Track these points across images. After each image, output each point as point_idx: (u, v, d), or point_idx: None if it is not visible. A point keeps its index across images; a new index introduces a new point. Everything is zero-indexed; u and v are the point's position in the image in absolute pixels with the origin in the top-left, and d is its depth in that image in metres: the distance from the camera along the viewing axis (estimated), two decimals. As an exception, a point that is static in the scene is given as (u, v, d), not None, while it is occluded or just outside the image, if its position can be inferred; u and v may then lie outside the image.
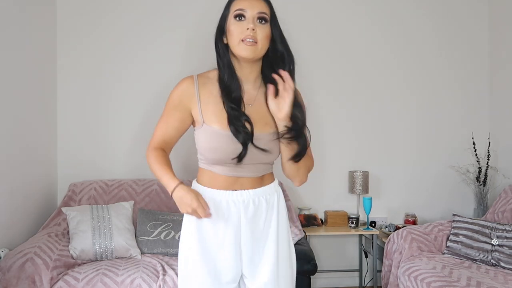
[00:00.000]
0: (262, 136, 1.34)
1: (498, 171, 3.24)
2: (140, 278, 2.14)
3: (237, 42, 1.31)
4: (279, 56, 1.37)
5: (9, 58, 2.35)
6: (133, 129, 3.06)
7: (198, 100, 1.36)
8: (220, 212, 1.36)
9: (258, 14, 1.31)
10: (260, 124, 1.34)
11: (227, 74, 1.36)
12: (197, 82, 1.38)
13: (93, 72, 3.03)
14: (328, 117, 3.26)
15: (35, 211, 2.67)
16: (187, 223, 1.40)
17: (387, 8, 3.30)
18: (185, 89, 1.37)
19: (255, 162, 1.36)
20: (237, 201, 1.37)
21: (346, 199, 3.28)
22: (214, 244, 1.36)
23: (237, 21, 1.32)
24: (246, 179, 1.38)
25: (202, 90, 1.37)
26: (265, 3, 1.35)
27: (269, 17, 1.34)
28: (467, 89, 3.39)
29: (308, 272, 2.31)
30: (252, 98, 1.38)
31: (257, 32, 1.30)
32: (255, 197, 1.38)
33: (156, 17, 3.08)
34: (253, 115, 1.34)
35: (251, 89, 1.39)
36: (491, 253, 2.49)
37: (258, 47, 1.31)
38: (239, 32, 1.31)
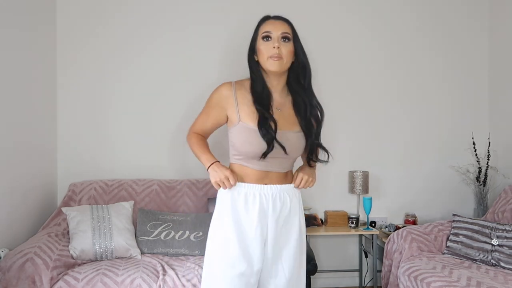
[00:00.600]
0: (288, 133, 1.60)
1: (498, 171, 3.24)
2: (140, 278, 2.14)
3: (266, 59, 1.59)
4: (301, 67, 1.64)
5: (9, 57, 2.35)
6: (133, 129, 3.06)
7: (236, 102, 1.61)
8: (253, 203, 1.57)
9: (282, 34, 1.59)
10: (288, 124, 1.61)
11: (259, 85, 1.63)
12: (234, 87, 1.65)
13: (93, 72, 3.03)
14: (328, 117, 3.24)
15: (35, 211, 2.67)
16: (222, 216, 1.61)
17: (385, 10, 3.30)
18: (224, 92, 1.64)
19: (280, 156, 1.59)
20: (267, 194, 1.58)
21: (346, 199, 3.28)
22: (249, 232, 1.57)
23: (265, 42, 1.60)
24: (274, 174, 1.61)
25: (239, 94, 1.63)
26: (287, 25, 1.63)
27: (291, 36, 1.61)
28: (467, 89, 3.39)
29: (308, 272, 2.31)
30: (280, 104, 1.65)
31: (281, 49, 1.58)
32: (281, 192, 1.61)
33: (156, 17, 3.08)
34: (281, 117, 1.61)
35: (278, 97, 1.66)
36: (491, 253, 2.49)
37: (283, 61, 1.59)
38: (267, 51, 1.58)
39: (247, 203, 1.57)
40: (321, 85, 3.23)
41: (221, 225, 1.59)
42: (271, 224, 1.57)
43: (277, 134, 1.55)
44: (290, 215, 1.62)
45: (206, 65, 3.06)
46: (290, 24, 1.65)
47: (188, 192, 2.83)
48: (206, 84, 2.44)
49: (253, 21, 1.72)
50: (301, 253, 1.66)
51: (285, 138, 1.57)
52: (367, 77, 3.30)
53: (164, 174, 3.03)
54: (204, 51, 3.08)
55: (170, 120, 3.08)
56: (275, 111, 1.60)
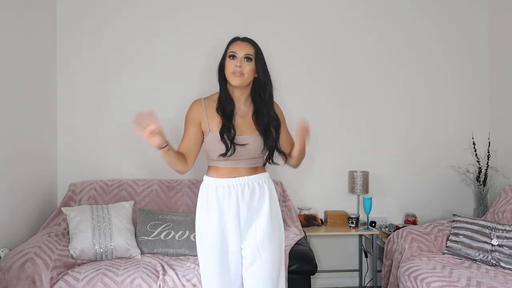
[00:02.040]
0: (247, 137, 1.86)
1: (498, 171, 3.24)
2: (140, 278, 2.14)
3: (230, 74, 1.85)
4: (261, 83, 1.90)
5: (9, 58, 2.35)
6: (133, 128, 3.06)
7: (206, 116, 1.88)
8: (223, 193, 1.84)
9: (245, 55, 1.85)
10: (248, 130, 1.88)
11: (224, 96, 1.90)
12: (204, 103, 1.91)
13: (93, 72, 3.03)
14: (328, 117, 3.26)
15: (35, 211, 2.67)
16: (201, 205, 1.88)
17: (385, 9, 3.30)
18: (195, 109, 1.91)
19: (246, 157, 1.86)
20: (235, 185, 1.85)
21: (346, 199, 3.28)
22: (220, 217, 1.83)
23: (231, 60, 1.86)
24: (242, 169, 1.87)
25: (208, 109, 1.90)
26: (251, 46, 1.88)
27: (253, 56, 1.87)
28: (467, 89, 3.39)
29: (308, 272, 2.31)
30: (243, 112, 1.91)
31: (243, 67, 1.84)
32: (249, 182, 1.87)
33: (156, 17, 3.08)
34: (242, 124, 1.88)
35: (242, 105, 1.92)
36: (491, 253, 2.49)
37: (244, 77, 1.84)
38: (231, 68, 1.84)
39: (218, 193, 1.84)
40: (321, 85, 3.25)
41: (199, 213, 1.88)
42: (243, 208, 1.83)
43: (238, 139, 1.82)
44: (259, 199, 1.86)
45: (206, 65, 3.06)
46: (255, 46, 1.89)
47: (188, 192, 2.83)
48: (207, 84, 2.44)
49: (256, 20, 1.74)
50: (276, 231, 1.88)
51: (245, 141, 1.84)
52: (367, 78, 3.29)
53: (164, 174, 3.02)
54: (205, 50, 3.07)
55: (170, 120, 3.07)
56: (238, 119, 1.88)
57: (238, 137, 1.84)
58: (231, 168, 1.86)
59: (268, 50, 2.08)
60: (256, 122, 1.89)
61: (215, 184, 1.86)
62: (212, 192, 1.86)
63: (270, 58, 1.98)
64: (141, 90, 3.07)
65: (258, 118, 1.89)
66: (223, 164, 1.87)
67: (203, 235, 1.85)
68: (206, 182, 1.91)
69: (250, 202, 1.85)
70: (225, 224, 1.82)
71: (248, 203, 1.85)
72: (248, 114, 1.92)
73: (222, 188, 1.85)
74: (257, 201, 1.87)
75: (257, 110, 1.91)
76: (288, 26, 3.19)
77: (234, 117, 1.87)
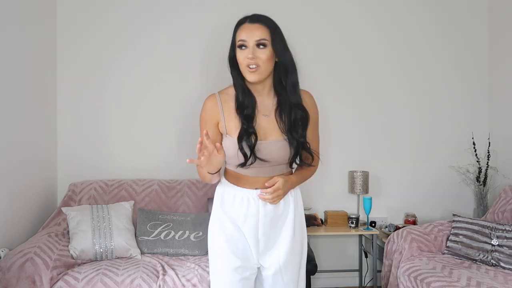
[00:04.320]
0: (270, 143, 1.53)
1: (498, 171, 3.24)
2: (140, 278, 2.14)
3: (243, 68, 1.52)
4: (284, 68, 1.55)
5: (9, 57, 2.35)
6: (133, 129, 3.07)
7: (223, 116, 1.56)
8: (241, 205, 1.57)
9: (257, 42, 1.49)
10: (272, 132, 1.55)
11: (241, 93, 1.56)
12: (220, 100, 1.58)
13: (93, 72, 3.03)
14: (328, 117, 3.26)
15: (35, 211, 2.67)
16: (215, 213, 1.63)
17: (387, 10, 3.30)
18: (211, 106, 1.58)
19: (271, 164, 1.55)
20: (256, 198, 1.56)
21: (346, 199, 3.28)
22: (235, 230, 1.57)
23: (241, 50, 1.51)
24: (267, 178, 1.56)
25: (225, 106, 1.57)
26: (264, 28, 1.51)
27: (269, 40, 1.50)
28: (467, 89, 3.39)
29: (308, 272, 2.31)
30: (268, 109, 1.58)
31: (257, 57, 1.49)
32: None
33: (157, 16, 3.08)
34: (266, 125, 1.55)
35: (266, 100, 1.59)
36: (491, 253, 2.49)
37: (261, 70, 1.50)
38: (243, 60, 1.51)
39: (235, 204, 1.58)
40: (321, 85, 3.24)
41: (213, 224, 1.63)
42: (264, 228, 1.57)
43: (260, 145, 1.50)
44: (283, 214, 1.60)
45: (207, 65, 3.06)
46: (269, 24, 1.53)
47: (188, 192, 2.83)
48: (208, 84, 2.44)
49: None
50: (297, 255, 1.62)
51: (268, 148, 1.52)
52: (367, 78, 3.29)
53: (164, 174, 3.03)
54: (207, 50, 3.07)
55: (171, 120, 3.08)
56: (261, 118, 1.55)
57: (262, 142, 1.52)
58: (253, 177, 1.57)
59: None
60: (280, 118, 1.56)
61: (233, 193, 1.59)
62: (228, 201, 1.59)
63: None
64: (142, 90, 3.07)
65: (282, 115, 1.56)
66: (243, 172, 1.56)
67: (215, 252, 1.60)
68: (222, 187, 1.63)
69: (272, 218, 1.58)
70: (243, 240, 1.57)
71: (270, 220, 1.57)
72: (274, 110, 1.58)
73: (240, 199, 1.57)
74: (280, 217, 1.59)
75: (280, 103, 1.57)
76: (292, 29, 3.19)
77: (255, 118, 1.54)
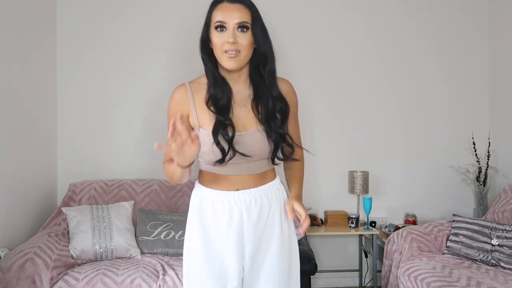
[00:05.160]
0: (249, 134, 1.37)
1: (498, 171, 3.24)
2: (140, 278, 2.14)
3: (220, 54, 1.34)
4: (263, 56, 1.39)
5: (9, 57, 2.35)
6: (133, 128, 3.07)
7: (194, 106, 1.39)
8: (223, 212, 1.39)
9: (239, 24, 1.32)
10: (251, 123, 1.38)
11: (212, 82, 1.39)
12: (190, 89, 1.41)
13: (93, 72, 3.03)
14: (328, 117, 3.26)
15: (35, 211, 2.67)
16: (191, 225, 1.44)
17: (387, 10, 3.30)
18: (180, 97, 1.40)
19: (252, 160, 1.38)
20: (238, 201, 1.39)
21: (346, 199, 3.27)
22: (218, 244, 1.39)
23: (218, 32, 1.34)
24: (247, 177, 1.40)
25: (196, 96, 1.40)
26: (245, 9, 1.35)
27: (250, 23, 1.34)
28: (467, 89, 3.39)
29: (308, 272, 2.31)
30: (245, 99, 1.41)
31: (238, 42, 1.32)
32: (257, 196, 1.41)
33: (157, 16, 3.08)
34: (244, 116, 1.39)
35: (242, 89, 1.42)
36: (491, 253, 2.49)
37: (241, 57, 1.34)
38: (221, 44, 1.33)
39: (215, 212, 1.39)
40: (321, 85, 3.24)
41: (189, 236, 1.44)
42: (248, 234, 1.39)
43: (239, 137, 1.34)
44: (269, 218, 1.42)
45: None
46: (249, 6, 1.37)
47: (188, 192, 2.83)
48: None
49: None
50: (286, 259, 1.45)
51: (249, 140, 1.36)
52: (368, 77, 3.29)
53: (164, 174, 3.02)
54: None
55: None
56: (238, 109, 1.38)
57: (241, 133, 1.35)
58: (233, 176, 1.40)
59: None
60: (256, 109, 1.39)
61: (212, 199, 1.40)
62: (207, 209, 1.40)
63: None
64: (141, 90, 3.07)
65: (258, 105, 1.40)
66: (221, 171, 1.39)
67: (194, 267, 1.41)
68: (199, 193, 1.45)
69: (257, 224, 1.40)
70: (223, 254, 1.39)
71: (254, 225, 1.40)
72: (250, 100, 1.42)
73: (221, 204, 1.39)
74: (266, 221, 1.42)
75: (257, 93, 1.41)
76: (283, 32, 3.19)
77: (232, 108, 1.37)
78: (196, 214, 1.42)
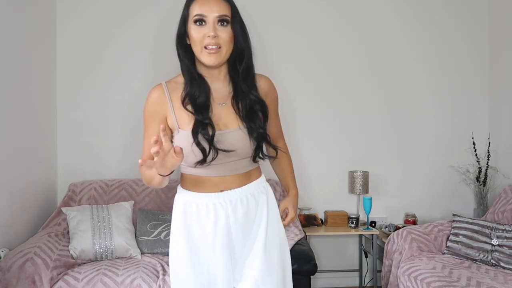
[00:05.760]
0: (230, 132, 1.32)
1: (498, 171, 3.24)
2: (140, 278, 2.14)
3: (199, 49, 1.29)
4: (240, 52, 1.35)
5: (9, 57, 2.35)
6: (133, 129, 3.06)
7: (171, 107, 1.34)
8: (208, 216, 1.34)
9: (219, 17, 1.28)
10: (232, 121, 1.34)
11: (188, 79, 1.33)
12: (167, 88, 1.36)
13: (93, 72, 3.03)
14: (328, 116, 3.26)
15: (35, 211, 2.67)
16: (175, 230, 1.39)
17: (388, 8, 3.30)
18: (156, 98, 1.35)
19: (235, 159, 1.34)
20: (223, 203, 1.34)
21: (346, 199, 3.28)
22: (204, 253, 1.35)
23: (198, 26, 1.29)
24: (231, 177, 1.36)
25: (174, 96, 1.35)
26: (224, 3, 1.31)
27: (230, 17, 1.30)
28: (467, 89, 3.39)
29: (308, 272, 2.31)
30: (224, 96, 1.36)
31: (219, 36, 1.28)
32: (242, 195, 1.36)
33: (157, 12, 3.08)
34: (225, 113, 1.34)
35: (221, 87, 1.37)
36: (491, 253, 2.49)
37: (223, 52, 1.30)
38: (201, 39, 1.28)
39: (200, 216, 1.34)
40: (321, 84, 3.24)
41: (174, 244, 1.39)
42: (237, 235, 1.34)
43: (220, 136, 1.29)
44: (257, 218, 1.38)
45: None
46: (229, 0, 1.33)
47: (188, 192, 2.83)
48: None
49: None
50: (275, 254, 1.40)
51: (230, 139, 1.31)
52: (368, 77, 3.29)
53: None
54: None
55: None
56: (218, 107, 1.33)
57: (222, 132, 1.31)
58: (216, 177, 1.35)
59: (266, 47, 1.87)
60: (237, 106, 1.35)
61: (196, 202, 1.35)
62: (192, 214, 1.35)
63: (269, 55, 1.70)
64: (141, 90, 3.06)
65: (237, 102, 1.36)
66: (204, 172, 1.34)
67: (180, 275, 1.35)
68: (182, 197, 1.39)
69: (244, 223, 1.36)
70: (209, 262, 1.34)
71: (242, 225, 1.35)
72: (230, 97, 1.38)
73: (205, 207, 1.34)
74: (253, 221, 1.38)
75: (237, 90, 1.37)
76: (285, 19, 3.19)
77: (211, 107, 1.32)
78: (180, 220, 1.37)
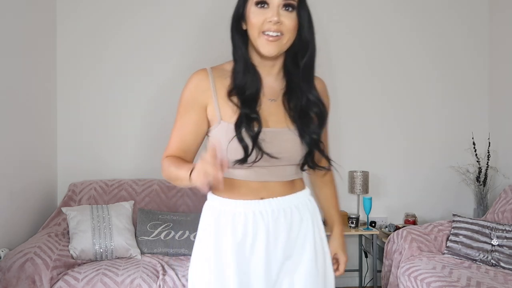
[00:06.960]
0: (280, 132, 1.17)
1: (498, 171, 3.24)
2: (140, 278, 2.14)
3: (257, 34, 1.13)
4: (304, 44, 1.19)
5: (9, 58, 2.35)
6: (133, 129, 3.06)
7: (215, 94, 1.16)
8: (245, 227, 1.15)
9: (285, 1, 1.11)
10: (282, 120, 1.18)
11: (242, 68, 1.17)
12: (211, 74, 1.19)
13: (93, 72, 3.03)
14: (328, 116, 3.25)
15: (35, 211, 2.67)
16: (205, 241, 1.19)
17: (388, 9, 3.29)
18: (198, 83, 1.19)
19: (280, 163, 1.17)
20: (265, 212, 1.15)
21: (346, 199, 3.27)
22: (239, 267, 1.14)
23: (259, 9, 1.12)
24: (274, 184, 1.18)
25: (218, 83, 1.18)
26: None
27: (297, 2, 1.14)
28: (467, 89, 3.39)
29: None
30: (275, 93, 1.20)
31: (282, 22, 1.11)
32: (286, 206, 1.18)
33: (157, 12, 3.08)
34: (274, 111, 1.18)
35: (273, 82, 1.22)
36: (491, 253, 2.49)
37: (283, 41, 1.13)
38: (261, 23, 1.11)
39: (236, 228, 1.14)
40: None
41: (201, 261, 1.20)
42: (276, 252, 1.15)
43: (266, 134, 1.13)
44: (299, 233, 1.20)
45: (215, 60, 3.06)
46: None
47: (188, 192, 2.83)
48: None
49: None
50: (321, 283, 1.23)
51: (277, 139, 1.15)
52: (368, 77, 3.29)
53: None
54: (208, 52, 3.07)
55: (171, 120, 3.07)
56: (267, 103, 1.18)
57: (269, 130, 1.15)
58: (256, 182, 1.16)
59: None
60: (288, 104, 1.20)
61: (232, 211, 1.15)
62: (227, 225, 1.15)
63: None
64: (141, 90, 3.07)
65: (290, 100, 1.20)
66: (242, 175, 1.16)
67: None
68: (213, 205, 1.20)
69: (287, 240, 1.17)
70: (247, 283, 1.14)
71: (284, 242, 1.16)
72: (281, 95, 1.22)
73: (243, 217, 1.14)
74: (296, 238, 1.19)
75: (291, 87, 1.21)
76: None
77: (259, 101, 1.16)
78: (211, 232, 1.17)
